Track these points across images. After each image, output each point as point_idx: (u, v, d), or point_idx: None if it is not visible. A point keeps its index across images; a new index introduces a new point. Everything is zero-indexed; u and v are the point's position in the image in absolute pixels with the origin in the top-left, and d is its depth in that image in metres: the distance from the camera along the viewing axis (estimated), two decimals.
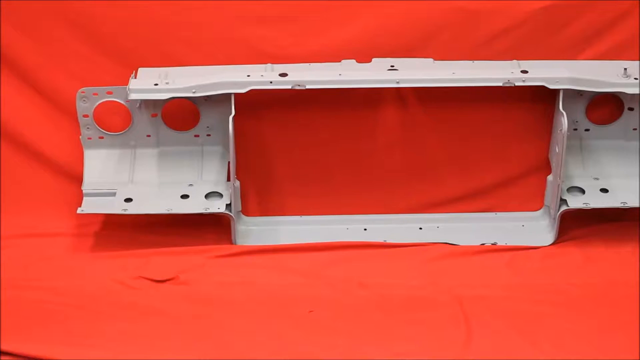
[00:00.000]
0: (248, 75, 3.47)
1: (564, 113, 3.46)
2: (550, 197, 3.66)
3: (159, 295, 3.28)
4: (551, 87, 3.47)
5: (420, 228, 3.71)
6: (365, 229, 3.71)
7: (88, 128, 3.61)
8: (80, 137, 3.62)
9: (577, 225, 3.64)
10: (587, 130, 3.69)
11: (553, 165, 3.65)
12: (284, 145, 3.73)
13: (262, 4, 3.63)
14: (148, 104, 3.60)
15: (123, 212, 3.51)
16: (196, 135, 3.67)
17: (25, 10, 3.60)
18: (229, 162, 3.58)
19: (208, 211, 3.53)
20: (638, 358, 2.96)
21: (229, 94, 3.47)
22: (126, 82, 3.50)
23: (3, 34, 3.61)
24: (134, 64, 3.61)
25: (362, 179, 3.75)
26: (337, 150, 3.74)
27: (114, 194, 3.58)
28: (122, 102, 3.59)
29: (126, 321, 3.14)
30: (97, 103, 3.58)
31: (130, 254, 3.49)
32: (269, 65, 3.58)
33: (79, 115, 3.59)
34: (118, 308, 3.20)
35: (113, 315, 3.17)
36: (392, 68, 3.53)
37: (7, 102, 3.67)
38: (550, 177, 3.67)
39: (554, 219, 3.57)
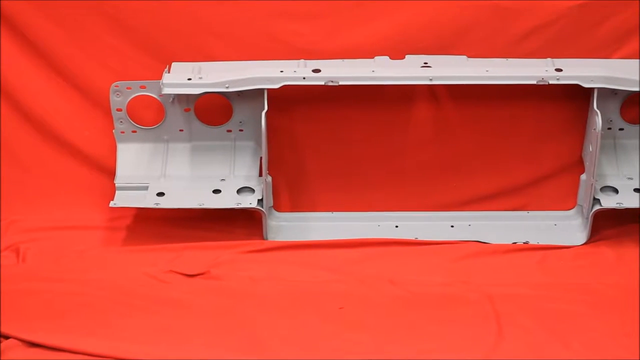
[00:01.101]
0: (281, 71, 3.48)
1: (598, 112, 3.44)
2: (583, 196, 3.64)
3: (189, 290, 3.29)
4: (585, 85, 3.46)
5: (452, 226, 3.70)
6: (396, 226, 3.70)
7: (121, 122, 3.63)
8: (113, 130, 3.64)
9: (609, 225, 3.62)
10: (621, 129, 3.67)
11: (586, 164, 3.63)
12: (316, 141, 3.73)
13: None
14: (181, 99, 3.61)
15: (155, 206, 3.53)
16: (229, 130, 3.68)
17: (61, 4, 3.61)
18: (261, 158, 3.58)
19: (240, 206, 3.54)
20: None
21: (262, 90, 3.47)
22: (160, 77, 3.51)
23: (39, 28, 3.63)
24: (167, 58, 3.62)
25: (393, 176, 3.75)
26: (369, 147, 3.74)
27: (146, 188, 3.59)
28: (155, 96, 3.60)
29: (156, 315, 3.15)
30: (131, 97, 3.60)
31: (162, 248, 3.51)
32: (302, 61, 3.58)
33: (113, 109, 3.61)
34: (149, 301, 3.21)
35: (144, 308, 3.18)
36: (426, 65, 3.53)
37: (42, 95, 3.70)
38: (583, 176, 3.65)
39: (587, 218, 3.56)
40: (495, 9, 3.61)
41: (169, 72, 3.54)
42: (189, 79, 3.49)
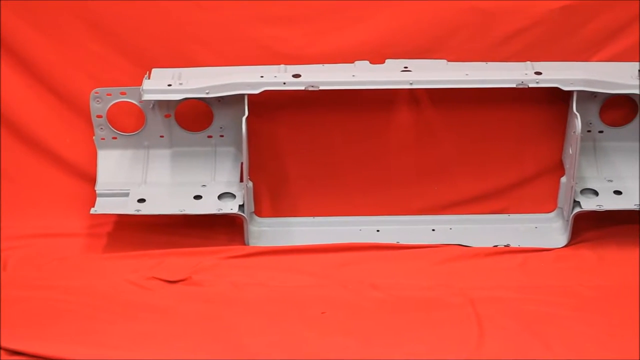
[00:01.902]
0: (261, 76, 3.48)
1: (578, 115, 3.45)
2: (563, 198, 3.65)
3: (171, 296, 3.28)
4: (565, 88, 3.47)
5: (433, 229, 3.71)
6: (378, 230, 3.70)
7: (101, 128, 3.62)
8: (93, 137, 3.63)
9: (590, 227, 3.63)
10: (601, 132, 3.68)
11: (566, 166, 3.64)
12: (297, 146, 3.74)
13: (276, 4, 3.63)
14: (161, 105, 3.60)
15: (136, 213, 3.52)
16: (209, 136, 3.68)
17: (40, 9, 3.61)
18: (242, 163, 3.58)
19: (221, 212, 3.54)
20: None
21: (242, 95, 3.47)
22: (140, 83, 3.51)
23: (19, 34, 3.62)
24: (148, 64, 3.62)
25: (375, 180, 3.75)
26: (350, 152, 3.74)
27: (127, 195, 3.59)
28: (135, 102, 3.60)
29: (138, 321, 3.14)
30: (111, 103, 3.59)
31: (143, 255, 3.50)
32: (282, 66, 3.58)
33: (93, 115, 3.60)
34: (130, 308, 3.21)
35: (125, 315, 3.17)
36: (406, 69, 3.53)
37: (22, 102, 3.69)
38: (563, 179, 3.66)
39: (567, 220, 3.57)
40: (475, 13, 3.62)
41: (149, 78, 3.54)
42: (169, 85, 3.48)
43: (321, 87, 3.47)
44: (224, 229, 3.65)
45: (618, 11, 3.62)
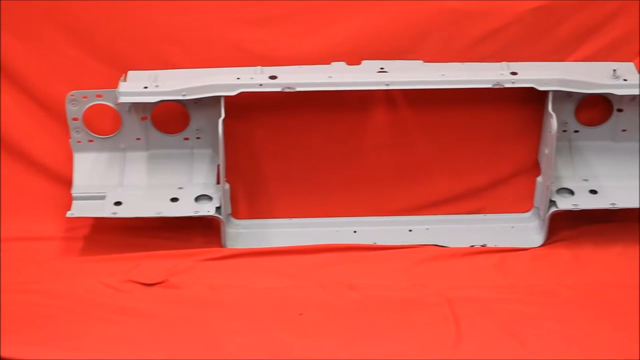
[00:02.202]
0: (238, 78, 3.48)
1: (553, 114, 3.47)
2: (539, 198, 3.66)
3: (148, 299, 3.27)
4: (540, 88, 3.48)
5: (410, 230, 3.71)
6: (355, 231, 3.71)
7: (77, 131, 3.61)
8: (69, 140, 3.62)
9: (566, 226, 3.64)
10: (576, 131, 3.70)
11: (542, 166, 3.65)
12: (274, 147, 3.73)
13: (252, 6, 3.63)
14: (138, 107, 3.59)
15: (113, 216, 3.51)
16: (186, 138, 3.67)
17: (16, 12, 3.59)
18: (218, 165, 3.58)
19: (198, 214, 3.53)
20: (626, 358, 2.97)
21: (219, 97, 3.47)
22: (116, 85, 3.50)
23: None
24: (124, 66, 3.61)
25: (352, 181, 3.76)
26: (327, 153, 3.74)
27: (103, 198, 3.58)
28: (111, 105, 3.58)
29: (115, 325, 3.13)
30: (87, 106, 3.58)
31: (120, 258, 3.49)
32: (258, 67, 3.58)
33: (69, 118, 3.59)
34: (107, 311, 3.20)
35: (102, 318, 3.16)
36: (382, 70, 3.54)
37: None
38: (539, 179, 3.67)
39: (544, 220, 3.58)
40: (451, 14, 3.63)
41: (125, 81, 3.53)
42: (146, 87, 3.48)
43: (298, 89, 3.47)
44: (200, 231, 3.65)
45: (593, 11, 3.64)
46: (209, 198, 3.59)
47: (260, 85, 3.47)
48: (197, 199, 3.59)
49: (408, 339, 3.08)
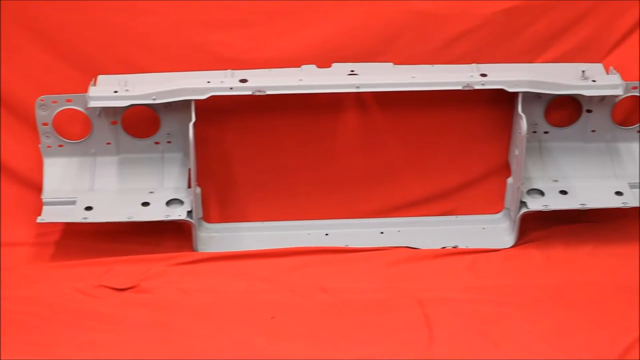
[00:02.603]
0: (208, 82, 3.48)
1: (523, 116, 3.48)
2: (510, 199, 3.67)
3: (120, 304, 3.27)
4: (510, 90, 3.50)
5: (382, 232, 3.72)
6: (326, 234, 3.71)
7: (47, 136, 3.59)
8: (39, 145, 3.60)
9: (537, 227, 3.65)
10: (546, 132, 3.71)
11: (513, 167, 3.67)
12: (245, 151, 3.73)
13: (222, 9, 3.63)
14: (108, 112, 3.58)
15: (83, 221, 3.50)
16: (156, 143, 3.67)
17: None
18: (189, 169, 3.57)
19: (169, 218, 3.52)
20: (597, 358, 2.98)
21: (189, 101, 3.47)
22: (86, 90, 3.49)
23: None
24: (93, 71, 3.60)
25: (323, 184, 3.76)
26: (298, 156, 3.74)
27: (74, 203, 3.56)
28: (81, 109, 3.57)
29: (87, 330, 3.12)
30: (57, 111, 3.57)
31: (91, 263, 3.47)
32: (229, 71, 3.58)
33: (38, 123, 3.57)
34: (79, 317, 3.19)
35: (74, 324, 3.15)
36: (352, 73, 3.54)
37: None
38: (510, 180, 3.68)
39: (514, 221, 3.59)
40: (421, 16, 3.64)
41: (95, 85, 3.53)
42: (116, 92, 3.47)
43: (268, 92, 3.48)
44: (172, 235, 3.64)
45: (561, 13, 3.66)
46: (180, 202, 3.58)
47: (231, 88, 3.47)
48: (168, 203, 3.58)
49: (380, 341, 3.08)
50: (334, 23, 3.65)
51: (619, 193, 3.60)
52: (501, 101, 3.66)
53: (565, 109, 3.71)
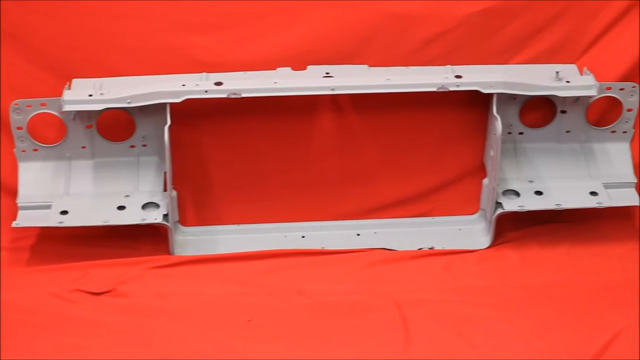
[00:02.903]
0: (183, 85, 3.47)
1: (498, 117, 3.49)
2: (485, 200, 3.69)
3: (97, 308, 3.25)
4: (485, 91, 3.51)
5: (358, 234, 3.72)
6: (303, 236, 3.71)
7: (22, 140, 3.58)
8: (14, 149, 3.59)
9: (512, 227, 3.67)
10: (521, 133, 3.73)
11: (488, 168, 3.68)
12: (221, 154, 3.73)
13: (197, 12, 3.62)
14: (82, 115, 3.57)
15: (59, 225, 3.49)
16: (132, 146, 3.66)
17: None
18: (165, 172, 3.57)
19: (145, 222, 3.52)
20: (573, 357, 3.00)
21: (164, 104, 3.46)
22: (60, 94, 3.48)
23: None
24: (68, 74, 3.59)
25: (299, 186, 3.76)
26: (274, 158, 3.74)
27: (49, 207, 3.55)
28: (56, 113, 3.56)
29: (64, 335, 3.11)
30: (31, 115, 3.55)
31: (67, 267, 3.46)
32: (204, 74, 3.57)
33: (13, 127, 3.56)
34: (56, 322, 3.18)
35: (51, 329, 3.14)
36: (327, 75, 3.55)
37: None
38: (485, 181, 3.69)
39: (490, 222, 3.60)
40: (395, 18, 3.65)
41: (69, 89, 3.51)
42: (90, 95, 3.46)
43: (243, 95, 3.47)
44: (148, 238, 3.63)
45: (535, 14, 3.67)
46: (156, 205, 3.58)
47: (206, 91, 3.47)
48: (144, 206, 3.58)
49: (357, 343, 3.09)
50: (309, 26, 3.65)
51: (593, 193, 3.62)
52: (476, 102, 3.67)
53: (539, 110, 3.72)
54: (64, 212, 3.53)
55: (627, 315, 3.16)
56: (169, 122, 3.44)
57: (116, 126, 3.63)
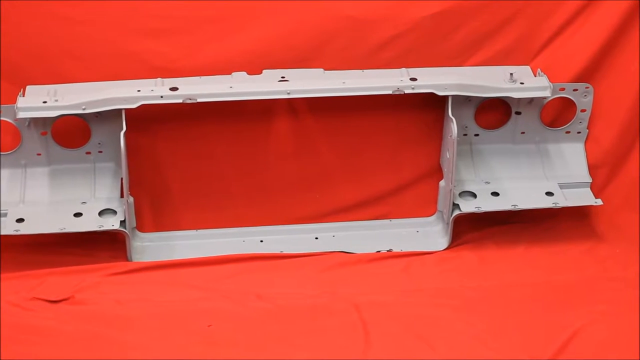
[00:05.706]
0: (138, 90, 3.46)
1: (453, 119, 3.51)
2: (442, 202, 3.70)
3: (54, 316, 3.23)
4: (440, 93, 3.52)
5: (316, 238, 3.73)
6: (261, 241, 3.71)
7: None
8: None
9: (470, 229, 3.69)
10: (476, 135, 3.75)
11: (444, 170, 3.69)
12: (177, 159, 3.72)
13: (151, 17, 3.62)
14: (37, 122, 3.55)
15: (15, 233, 3.47)
16: (88, 153, 3.64)
17: None
18: (122, 179, 3.55)
19: (102, 229, 3.50)
20: (531, 357, 3.02)
21: (120, 110, 3.45)
22: (14, 101, 3.45)
23: None
24: (21, 81, 3.57)
25: (256, 190, 3.76)
26: (231, 163, 3.74)
27: (5, 215, 3.52)
28: (10, 120, 3.53)
29: (22, 343, 3.09)
30: None
31: (24, 275, 3.43)
32: (159, 79, 3.56)
33: None
34: (14, 330, 3.15)
35: (9, 337, 3.10)
36: (283, 79, 3.55)
37: None
38: (442, 183, 3.71)
39: (447, 223, 3.62)
40: (351, 22, 3.66)
41: (23, 96, 3.49)
42: (45, 102, 3.44)
43: (199, 100, 3.47)
44: (106, 245, 3.61)
45: (488, 16, 3.69)
46: (113, 212, 3.56)
47: (161, 97, 3.46)
48: (101, 213, 3.56)
49: (317, 346, 3.09)
50: (264, 29, 3.65)
51: (549, 193, 3.65)
52: (431, 105, 3.68)
53: (494, 112, 3.75)
54: (20, 220, 3.51)
55: (585, 314, 3.19)
56: (124, 128, 3.43)
57: (71, 133, 3.61)
